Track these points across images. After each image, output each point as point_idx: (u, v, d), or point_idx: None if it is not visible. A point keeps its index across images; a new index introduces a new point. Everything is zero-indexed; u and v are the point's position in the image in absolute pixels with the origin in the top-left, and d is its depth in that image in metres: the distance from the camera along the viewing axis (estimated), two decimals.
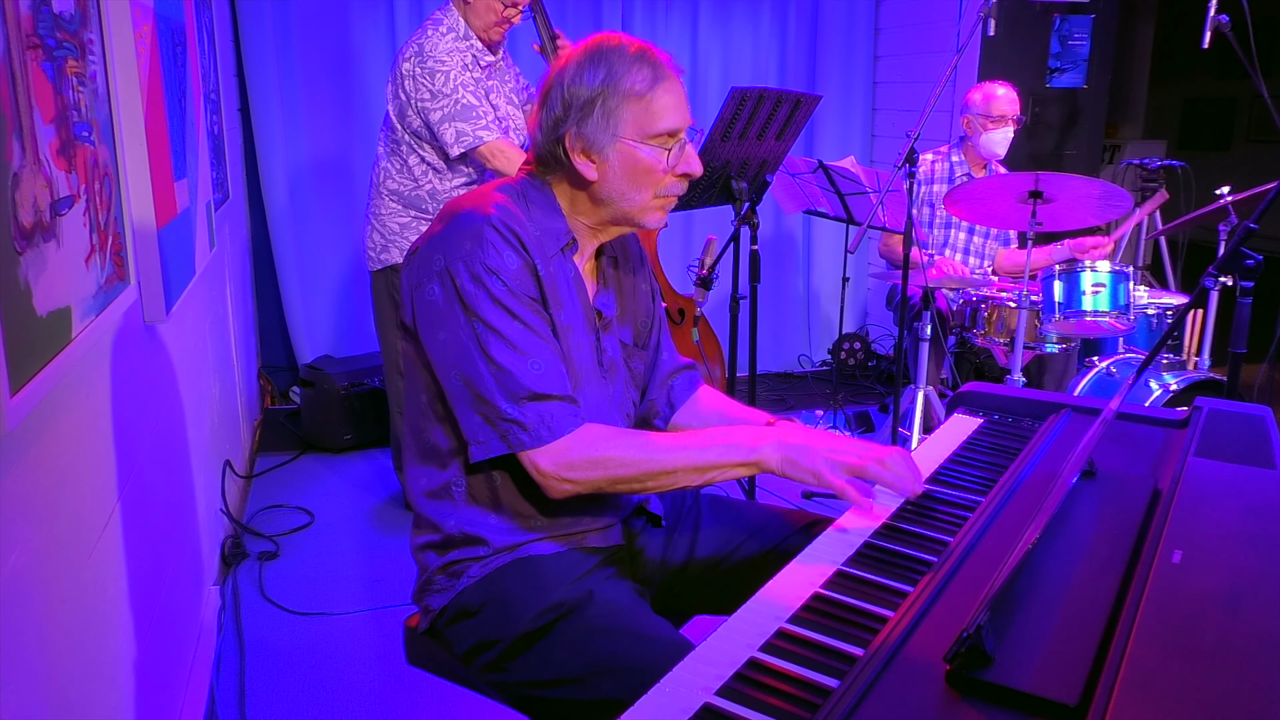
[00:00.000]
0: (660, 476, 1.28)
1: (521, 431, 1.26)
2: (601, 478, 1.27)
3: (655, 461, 1.27)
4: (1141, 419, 1.59)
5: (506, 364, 1.26)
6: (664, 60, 1.33)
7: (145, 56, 1.72)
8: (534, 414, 1.26)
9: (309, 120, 4.11)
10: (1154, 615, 0.88)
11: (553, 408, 1.27)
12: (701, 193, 2.85)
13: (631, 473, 1.27)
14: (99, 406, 1.44)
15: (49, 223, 1.14)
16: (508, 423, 1.26)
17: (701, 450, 1.28)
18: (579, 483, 1.27)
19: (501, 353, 1.26)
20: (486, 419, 1.27)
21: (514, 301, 1.27)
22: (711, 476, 1.30)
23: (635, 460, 1.27)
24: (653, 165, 1.33)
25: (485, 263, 1.26)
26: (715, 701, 0.87)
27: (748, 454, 1.28)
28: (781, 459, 1.27)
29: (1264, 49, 3.24)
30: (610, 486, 1.30)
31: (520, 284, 1.28)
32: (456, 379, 1.28)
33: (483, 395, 1.26)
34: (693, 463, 1.28)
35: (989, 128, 3.48)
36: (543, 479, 1.28)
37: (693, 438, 1.32)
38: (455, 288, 1.26)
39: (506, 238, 1.28)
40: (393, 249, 2.92)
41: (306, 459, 3.69)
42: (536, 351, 1.28)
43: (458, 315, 1.27)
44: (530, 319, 1.28)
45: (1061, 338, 3.16)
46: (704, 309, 3.27)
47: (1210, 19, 3.02)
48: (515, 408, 1.25)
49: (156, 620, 1.73)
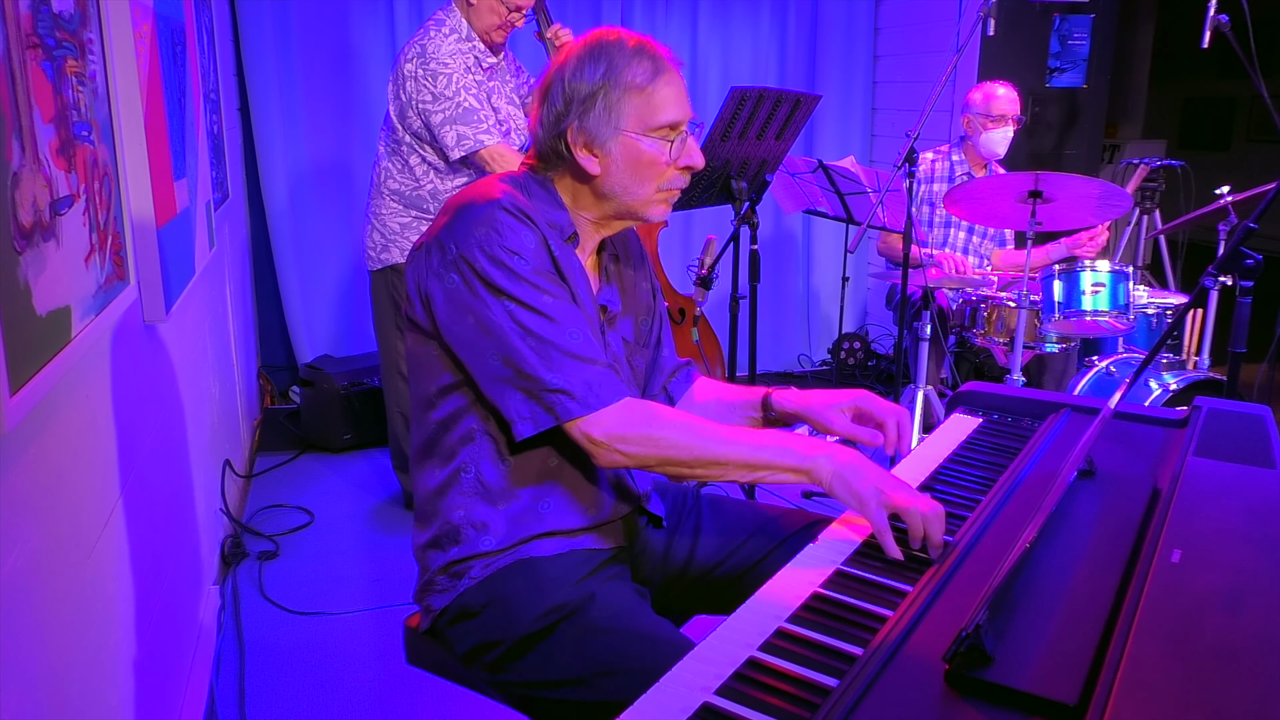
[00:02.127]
0: (711, 465, 1.27)
1: (569, 400, 1.25)
2: (652, 455, 1.27)
3: (709, 450, 1.26)
4: (1141, 418, 1.59)
5: (545, 334, 1.25)
6: (664, 53, 1.34)
7: (145, 56, 1.72)
8: (579, 381, 1.25)
9: (309, 120, 4.11)
10: (1153, 615, 0.88)
11: (598, 373, 1.26)
12: (701, 192, 2.85)
13: (684, 456, 1.26)
14: (99, 406, 1.44)
15: (48, 222, 1.14)
16: (555, 393, 1.25)
17: (756, 448, 1.27)
18: (630, 456, 1.27)
19: (538, 324, 1.25)
20: (530, 394, 1.26)
21: (538, 276, 1.27)
22: (761, 476, 1.28)
23: (690, 444, 1.26)
24: (655, 158, 1.33)
25: (504, 245, 1.26)
26: (715, 701, 0.87)
27: (801, 460, 1.26)
28: (833, 473, 1.24)
29: (1264, 49, 3.24)
30: (659, 466, 1.28)
31: (539, 260, 1.29)
32: (494, 360, 1.27)
33: (525, 371, 1.25)
34: (745, 459, 1.27)
35: (989, 127, 3.49)
36: (594, 447, 1.26)
37: (749, 434, 1.30)
38: (476, 272, 1.26)
39: (519, 217, 1.28)
40: (393, 249, 2.92)
41: (306, 459, 3.69)
42: (570, 320, 1.27)
43: (484, 298, 1.26)
44: (556, 290, 1.28)
45: (1061, 337, 3.16)
46: (704, 309, 3.27)
47: (1210, 19, 3.02)
48: (559, 376, 1.24)
49: (156, 620, 1.73)
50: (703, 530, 1.52)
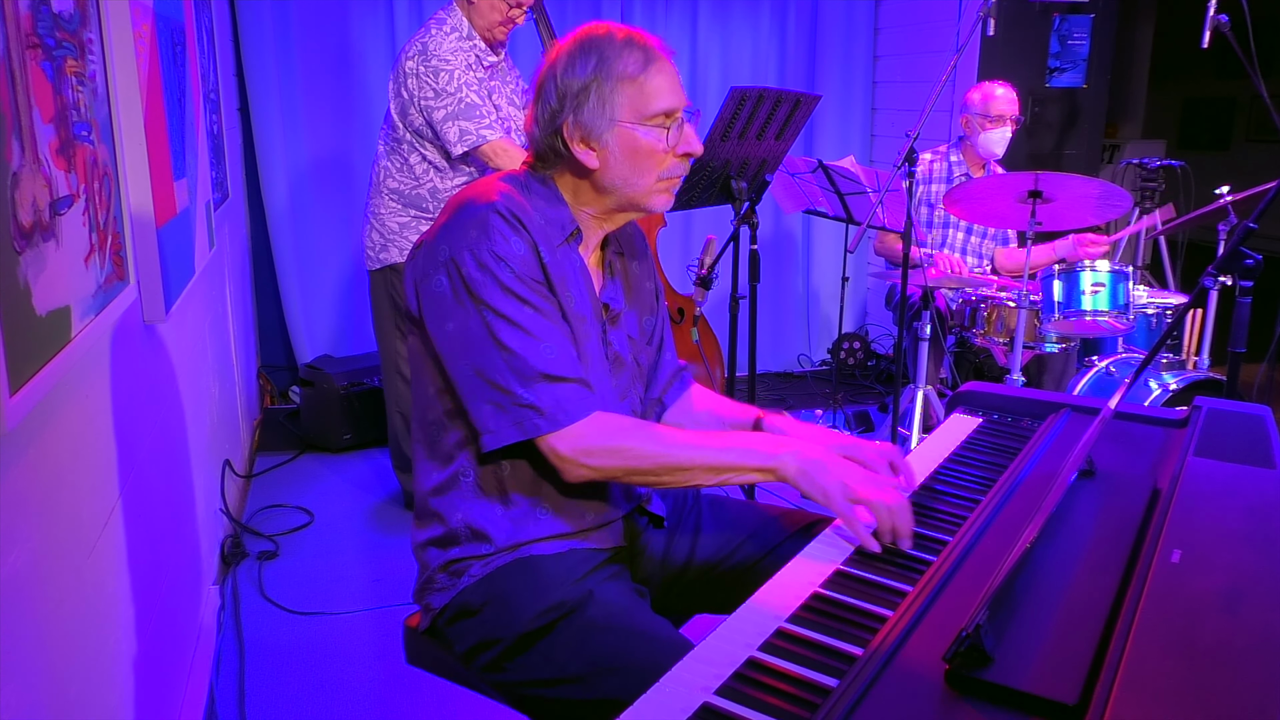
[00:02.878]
0: (676, 472, 1.28)
1: (538, 416, 1.25)
2: (618, 467, 1.28)
3: (673, 457, 1.27)
4: (1141, 418, 1.59)
5: (518, 348, 1.25)
6: (654, 43, 1.34)
7: (145, 56, 1.72)
8: (549, 398, 1.25)
9: (308, 120, 4.11)
10: (1153, 615, 0.88)
11: (568, 390, 1.27)
12: (701, 192, 2.85)
13: (648, 465, 1.28)
14: (98, 406, 1.44)
15: (48, 222, 1.14)
16: (523, 408, 1.25)
17: (720, 451, 1.28)
18: (596, 469, 1.28)
19: (513, 338, 1.26)
20: (500, 407, 1.26)
21: (522, 287, 1.27)
22: (726, 478, 1.30)
23: (653, 454, 1.27)
24: (653, 146, 1.33)
25: (493, 250, 1.26)
26: (714, 701, 0.87)
27: (766, 460, 1.28)
28: (798, 470, 1.26)
29: (1263, 49, 3.24)
30: (625, 477, 1.30)
31: (527, 269, 1.29)
32: (467, 369, 1.27)
33: (496, 382, 1.26)
34: (710, 462, 1.28)
35: (987, 127, 3.49)
36: (560, 462, 1.27)
37: (712, 438, 1.32)
38: (461, 277, 1.26)
39: (512, 223, 1.28)
40: (392, 248, 2.92)
41: (306, 459, 3.69)
42: (547, 335, 1.28)
43: (466, 304, 1.26)
44: (540, 303, 1.29)
45: (1061, 337, 3.17)
46: (703, 309, 3.27)
47: (1210, 19, 3.01)
48: (530, 392, 1.25)
49: (156, 620, 1.72)
50: (702, 530, 1.52)
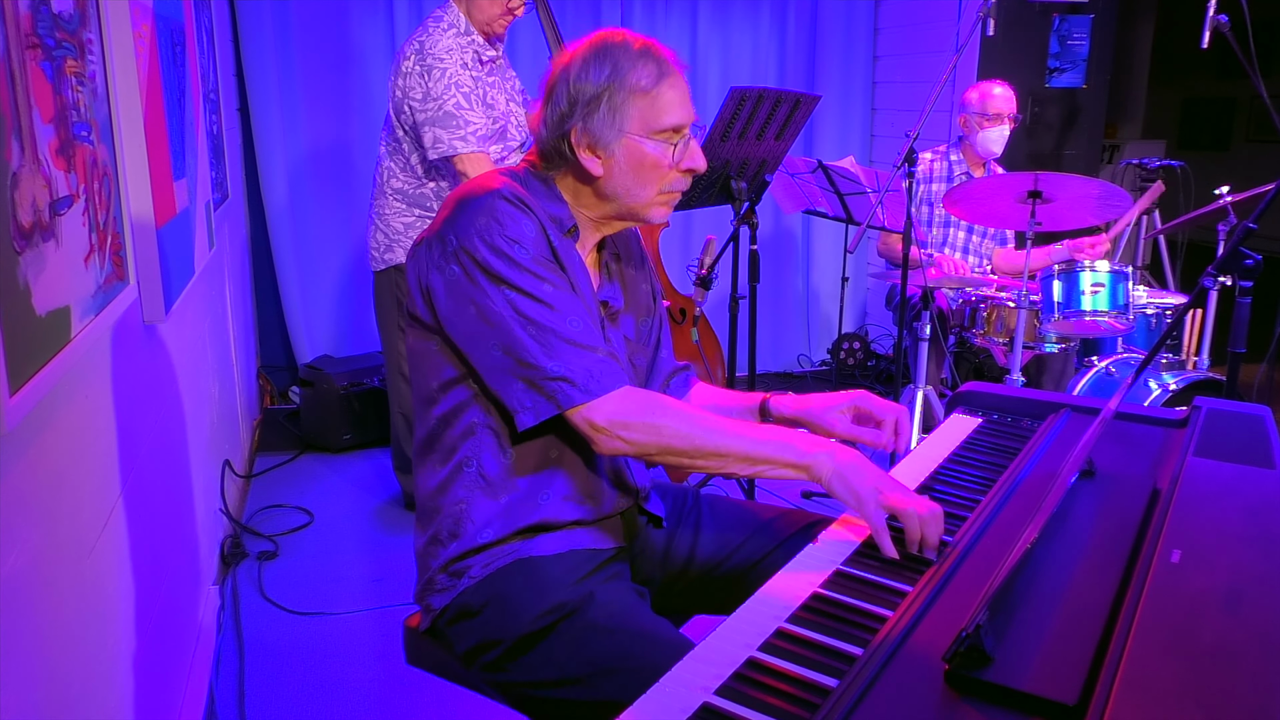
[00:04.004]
0: (711, 456, 1.27)
1: (570, 388, 1.25)
2: (654, 443, 1.27)
3: (710, 441, 1.26)
4: (1140, 418, 1.59)
5: (545, 321, 1.26)
6: (668, 56, 1.34)
7: (144, 56, 1.72)
8: (580, 369, 1.25)
9: (308, 120, 4.11)
10: (1153, 615, 0.88)
11: (598, 360, 1.27)
12: (701, 193, 2.85)
13: (685, 445, 1.26)
14: (98, 406, 1.44)
15: (48, 222, 1.14)
16: (556, 381, 1.25)
17: (757, 442, 1.27)
18: (631, 443, 1.27)
19: (538, 312, 1.26)
20: (531, 383, 1.26)
21: (537, 265, 1.28)
22: (760, 470, 1.29)
23: (691, 434, 1.26)
24: (658, 160, 1.33)
25: (504, 233, 1.26)
26: (714, 701, 0.87)
27: (802, 456, 1.27)
28: (833, 471, 1.25)
29: (1263, 49, 3.24)
30: (660, 455, 1.29)
31: (539, 248, 1.29)
32: (494, 350, 1.27)
33: (525, 359, 1.26)
34: (746, 452, 1.27)
35: (985, 126, 3.49)
36: (595, 434, 1.27)
37: (751, 428, 1.31)
38: (476, 262, 1.26)
39: (520, 206, 1.29)
40: (397, 249, 2.92)
41: (306, 459, 3.69)
42: (569, 308, 1.28)
43: (485, 287, 1.26)
44: (555, 279, 1.29)
45: (1061, 337, 3.16)
46: (703, 309, 3.27)
47: (1210, 19, 3.01)
48: (560, 364, 1.25)
49: (156, 620, 1.72)
50: (702, 530, 1.52)
